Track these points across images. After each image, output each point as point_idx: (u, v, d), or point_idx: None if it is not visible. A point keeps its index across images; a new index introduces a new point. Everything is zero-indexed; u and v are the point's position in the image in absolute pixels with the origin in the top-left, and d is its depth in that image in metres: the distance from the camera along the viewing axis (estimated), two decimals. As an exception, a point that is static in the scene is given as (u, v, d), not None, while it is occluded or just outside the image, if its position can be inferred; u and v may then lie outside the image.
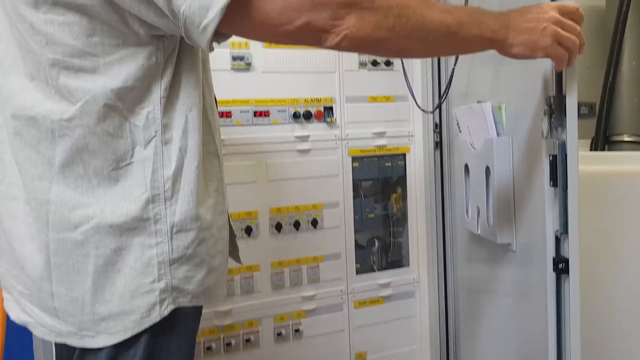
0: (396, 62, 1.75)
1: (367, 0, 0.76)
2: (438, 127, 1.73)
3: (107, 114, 0.76)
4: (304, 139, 1.63)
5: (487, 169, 1.30)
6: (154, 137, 0.79)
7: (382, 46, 0.81)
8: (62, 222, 0.77)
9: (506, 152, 1.24)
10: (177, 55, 0.81)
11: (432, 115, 1.71)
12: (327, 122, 1.66)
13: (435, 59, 1.73)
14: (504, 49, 0.90)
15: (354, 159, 1.71)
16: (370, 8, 0.76)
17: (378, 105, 1.73)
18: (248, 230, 1.55)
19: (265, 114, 1.59)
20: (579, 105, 1.02)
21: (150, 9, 0.72)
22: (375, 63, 1.73)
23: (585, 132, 2.06)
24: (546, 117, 1.04)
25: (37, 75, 0.76)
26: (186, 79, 0.82)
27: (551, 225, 1.07)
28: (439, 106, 1.65)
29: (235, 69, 1.54)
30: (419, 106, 1.65)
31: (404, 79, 1.69)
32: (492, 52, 0.92)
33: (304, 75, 1.63)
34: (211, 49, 0.76)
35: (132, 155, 0.78)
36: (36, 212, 0.78)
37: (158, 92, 0.79)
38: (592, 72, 2.30)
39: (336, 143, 1.68)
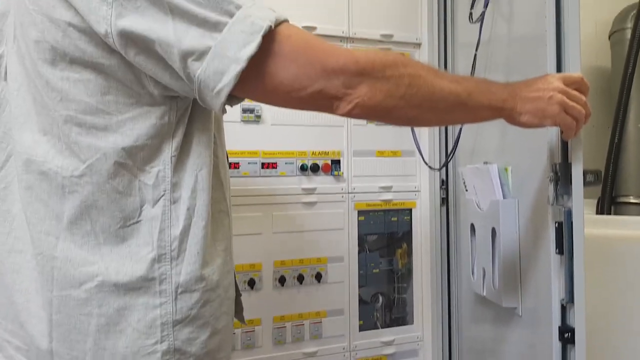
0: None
1: (379, 69, 0.78)
2: (444, 184, 1.73)
3: (117, 171, 0.77)
4: (311, 191, 1.64)
5: (493, 231, 1.29)
6: (162, 195, 0.79)
7: (393, 114, 0.82)
8: (67, 279, 0.77)
9: (512, 215, 1.24)
10: (189, 115, 0.82)
11: (438, 171, 1.72)
12: (334, 175, 1.67)
13: (443, 117, 1.75)
14: (513, 117, 0.92)
15: (359, 213, 1.71)
16: (382, 77, 0.78)
17: (385, 159, 1.74)
18: (251, 283, 1.54)
19: (273, 165, 1.60)
20: (585, 172, 1.03)
21: (167, 71, 0.74)
22: (383, 119, 1.75)
23: (592, 192, 2.06)
24: (552, 184, 1.05)
25: (50, 131, 0.77)
26: (198, 138, 0.82)
27: (557, 292, 1.07)
28: (446, 164, 1.66)
29: (245, 121, 1.57)
30: (426, 163, 1.66)
31: (411, 134, 1.72)
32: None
33: (312, 128, 1.65)
34: (224, 111, 0.77)
35: (140, 214, 0.78)
36: (41, 267, 0.78)
37: (169, 151, 0.79)
38: (597, 131, 2.32)
39: (342, 196, 1.69)
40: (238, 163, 1.55)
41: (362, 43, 1.72)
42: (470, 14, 1.43)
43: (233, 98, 0.75)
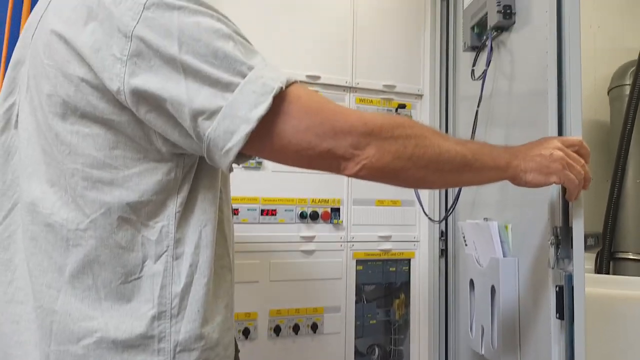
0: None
1: (387, 130, 0.78)
2: (444, 235, 1.73)
3: (120, 226, 0.76)
4: (310, 239, 1.63)
5: (493, 288, 1.28)
6: (165, 251, 0.78)
7: (400, 176, 0.82)
8: (65, 334, 0.75)
9: (512, 274, 1.23)
10: (195, 172, 0.82)
11: (438, 223, 1.71)
12: (333, 223, 1.67)
13: (443, 168, 1.76)
14: (518, 176, 0.92)
15: (358, 262, 1.70)
16: (389, 138, 0.78)
17: (385, 209, 1.74)
18: (246, 333, 1.51)
19: (273, 212, 1.60)
20: (586, 236, 1.03)
21: (176, 129, 0.74)
22: (383, 168, 1.75)
23: (591, 247, 2.06)
24: (552, 247, 1.04)
25: (58, 182, 0.77)
26: (203, 195, 0.82)
27: (557, 357, 1.05)
28: (446, 218, 1.66)
29: (246, 167, 1.57)
30: (426, 214, 1.66)
31: (411, 185, 1.72)
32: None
33: (313, 175, 1.65)
34: (231, 169, 0.78)
35: (141, 270, 0.78)
36: (41, 320, 0.77)
37: (173, 207, 0.79)
38: (596, 185, 2.32)
39: (341, 245, 1.68)
40: (237, 209, 1.55)
41: (364, 93, 1.74)
42: (472, 71, 1.45)
43: (241, 156, 0.75)
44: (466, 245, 1.46)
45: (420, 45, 1.82)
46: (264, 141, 0.74)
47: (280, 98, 0.73)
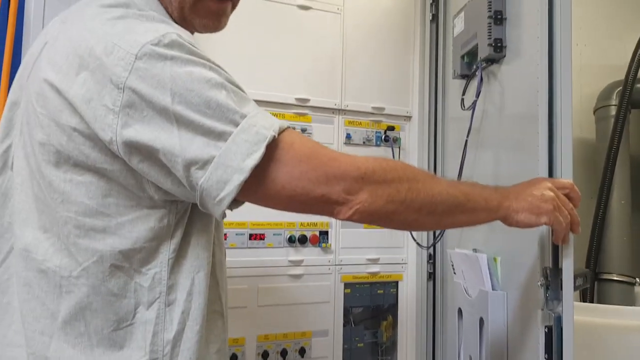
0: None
1: (380, 174, 0.79)
2: (432, 258, 1.73)
3: (113, 273, 0.76)
4: (298, 263, 1.62)
5: (481, 320, 1.29)
6: (157, 298, 0.78)
7: (393, 219, 0.83)
8: None
9: (501, 308, 1.24)
10: (188, 217, 0.82)
11: (427, 249, 1.72)
12: (321, 247, 1.66)
13: (431, 190, 1.76)
14: (510, 216, 0.92)
15: (346, 285, 1.69)
16: (382, 182, 0.79)
17: (373, 231, 1.74)
18: (233, 358, 1.50)
19: (261, 237, 1.59)
20: (575, 276, 1.04)
21: (169, 178, 0.74)
22: (372, 190, 1.75)
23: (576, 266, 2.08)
24: (542, 288, 1.05)
25: (50, 229, 0.77)
26: (196, 240, 0.82)
27: (545, 396, 1.05)
28: (434, 244, 1.66)
29: (235, 191, 1.55)
30: (414, 239, 1.67)
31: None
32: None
33: (301, 199, 1.64)
34: (223, 216, 0.77)
35: (134, 316, 0.77)
36: None
37: (166, 253, 0.79)
38: (581, 201, 2.35)
39: (329, 268, 1.67)
40: (225, 234, 1.53)
41: (354, 115, 1.74)
42: (462, 100, 1.45)
43: (234, 202, 0.75)
44: (455, 273, 1.46)
45: (409, 67, 1.82)
46: (257, 188, 0.74)
47: (273, 146, 0.73)
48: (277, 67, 1.63)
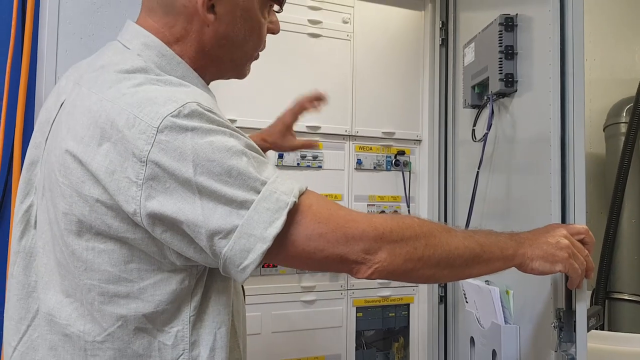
0: (403, 213, 1.79)
1: (397, 233, 0.79)
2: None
3: (137, 335, 0.77)
4: (310, 289, 1.64)
5: (494, 352, 1.30)
6: (181, 355, 0.79)
7: (411, 275, 0.84)
8: None
9: (514, 342, 1.25)
10: (207, 276, 0.82)
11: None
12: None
13: (442, 214, 1.78)
14: (525, 264, 0.93)
15: (358, 309, 1.71)
16: (400, 241, 0.79)
17: (384, 255, 1.75)
18: (248, 386, 1.52)
19: (274, 264, 1.60)
20: (588, 317, 1.04)
21: (191, 246, 0.75)
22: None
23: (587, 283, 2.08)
24: (556, 330, 1.06)
25: (73, 294, 0.78)
26: (217, 297, 0.83)
27: None
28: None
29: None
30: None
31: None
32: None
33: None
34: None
35: None
36: None
37: (187, 312, 0.79)
38: (591, 217, 2.35)
39: (341, 293, 1.69)
40: (239, 262, 1.55)
41: (364, 141, 1.76)
42: (473, 131, 1.46)
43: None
44: (467, 302, 1.48)
45: (419, 91, 1.83)
46: (279, 252, 0.75)
47: (293, 210, 0.74)
48: (289, 95, 1.64)
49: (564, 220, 1.12)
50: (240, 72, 0.94)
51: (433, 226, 0.86)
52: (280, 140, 1.33)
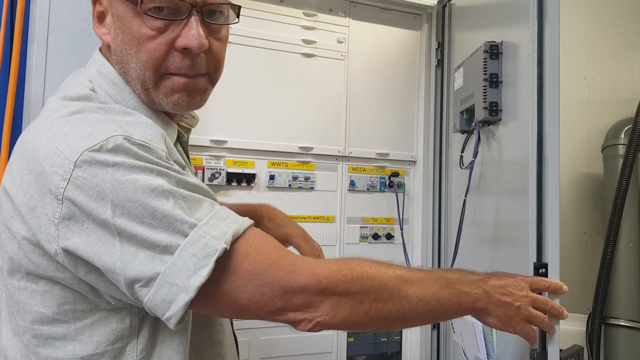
0: (397, 235, 1.77)
1: (343, 285, 0.74)
2: (435, 306, 1.71)
3: None
4: (300, 313, 1.61)
5: (482, 385, 1.27)
6: None
7: (357, 328, 0.82)
8: None
9: (499, 378, 1.22)
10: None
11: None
12: (324, 295, 1.65)
13: (437, 236, 1.75)
14: (481, 317, 0.91)
15: (349, 334, 1.68)
16: (345, 294, 0.74)
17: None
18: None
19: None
20: (568, 357, 1.02)
21: (119, 290, 0.71)
22: (376, 237, 1.75)
23: (582, 306, 2.05)
24: (532, 371, 1.03)
25: (18, 333, 0.75)
26: (169, 339, 0.77)
27: None
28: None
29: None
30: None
31: (403, 254, 1.72)
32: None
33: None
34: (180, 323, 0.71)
35: None
36: None
37: (134, 355, 0.75)
38: (589, 238, 2.33)
39: (332, 317, 1.66)
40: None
41: (357, 162, 1.74)
42: (461, 157, 1.44)
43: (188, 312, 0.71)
44: (454, 332, 1.45)
45: (414, 112, 1.81)
46: (207, 302, 0.70)
47: (224, 257, 0.69)
48: (281, 116, 1.63)
49: (540, 242, 1.09)
50: (156, 101, 0.81)
51: (387, 276, 0.79)
52: None
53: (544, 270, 1.04)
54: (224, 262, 0.69)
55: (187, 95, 0.81)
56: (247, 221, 0.74)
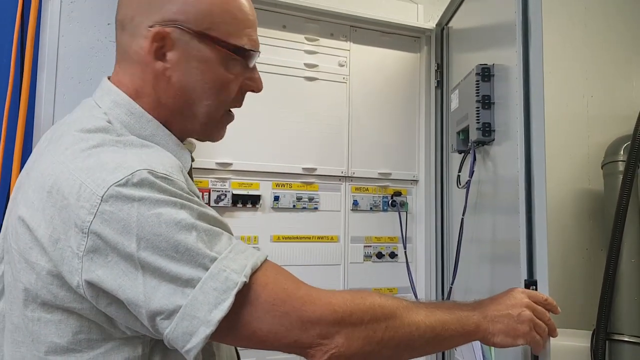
0: (400, 254, 1.79)
1: (357, 315, 0.76)
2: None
3: None
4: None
5: (483, 402, 1.29)
6: None
7: (370, 358, 0.80)
8: None
9: (498, 395, 1.24)
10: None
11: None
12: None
13: (439, 255, 1.77)
14: (486, 339, 0.92)
15: None
16: (359, 325, 0.76)
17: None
18: None
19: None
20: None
21: (138, 321, 0.72)
22: (380, 255, 1.77)
23: (587, 322, 2.06)
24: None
25: None
26: None
27: None
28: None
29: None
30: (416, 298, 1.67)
31: (407, 272, 1.74)
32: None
33: (309, 268, 1.67)
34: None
35: None
36: None
37: None
38: (590, 254, 2.34)
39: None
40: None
41: (360, 182, 1.77)
42: (458, 176, 1.47)
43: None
44: (455, 349, 1.47)
45: (415, 132, 1.85)
46: (228, 333, 0.72)
47: (244, 290, 0.70)
48: (285, 138, 1.67)
49: (530, 259, 1.11)
50: (208, 132, 0.89)
51: (395, 306, 0.82)
52: None
53: (534, 287, 1.06)
54: (244, 294, 0.71)
55: (222, 131, 0.93)
56: (264, 254, 0.76)
